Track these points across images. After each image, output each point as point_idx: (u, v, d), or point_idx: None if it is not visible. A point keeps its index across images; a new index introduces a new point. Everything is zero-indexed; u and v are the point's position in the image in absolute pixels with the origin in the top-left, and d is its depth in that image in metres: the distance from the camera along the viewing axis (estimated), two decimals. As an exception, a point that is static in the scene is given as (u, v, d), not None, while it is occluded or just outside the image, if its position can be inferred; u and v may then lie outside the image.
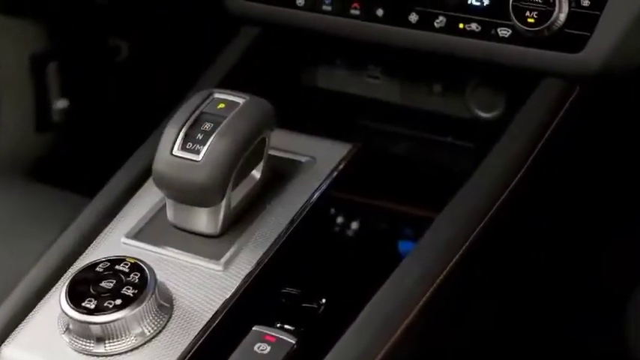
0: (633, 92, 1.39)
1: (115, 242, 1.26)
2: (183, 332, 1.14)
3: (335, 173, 1.33)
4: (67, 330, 1.14)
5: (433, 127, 1.50)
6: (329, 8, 1.45)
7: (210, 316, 1.15)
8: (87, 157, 2.02)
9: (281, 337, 1.14)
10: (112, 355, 1.11)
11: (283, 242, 1.24)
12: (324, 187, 1.31)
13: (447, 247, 1.20)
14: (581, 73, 1.31)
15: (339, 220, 1.42)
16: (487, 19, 1.35)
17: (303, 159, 1.34)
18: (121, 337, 1.11)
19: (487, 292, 1.34)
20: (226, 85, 1.38)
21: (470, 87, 1.46)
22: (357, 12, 1.43)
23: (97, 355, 1.11)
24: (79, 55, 2.02)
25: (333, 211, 1.42)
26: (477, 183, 1.25)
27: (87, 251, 1.26)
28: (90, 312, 1.10)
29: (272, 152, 1.30)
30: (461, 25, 1.36)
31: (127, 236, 1.26)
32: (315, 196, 1.29)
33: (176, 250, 1.22)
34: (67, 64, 2.00)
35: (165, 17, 1.97)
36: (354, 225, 1.42)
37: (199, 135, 1.19)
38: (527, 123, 1.31)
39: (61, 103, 2.02)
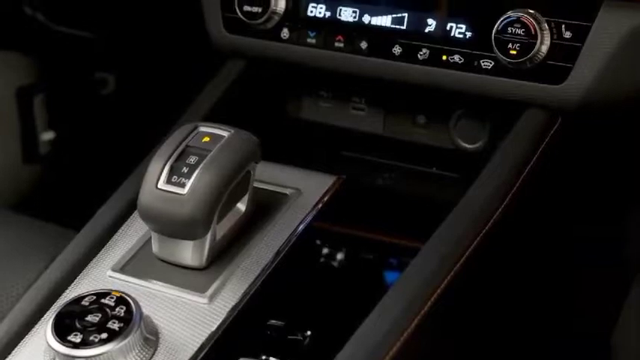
0: (615, 123, 1.40)
1: (100, 275, 1.26)
2: (169, 365, 1.14)
3: (320, 205, 1.33)
4: (53, 364, 1.13)
5: (417, 158, 1.50)
6: (313, 41, 1.45)
7: (196, 348, 1.15)
8: (73, 190, 2.02)
9: (266, 369, 1.15)
10: (97, 389, 1.11)
11: (268, 274, 1.24)
12: (309, 218, 1.31)
13: (432, 277, 1.20)
14: (564, 104, 1.32)
15: (325, 251, 1.42)
16: (470, 51, 1.36)
17: (288, 191, 1.35)
18: (107, 370, 1.11)
19: (472, 322, 1.35)
20: (212, 117, 1.38)
21: (453, 118, 1.47)
22: (341, 45, 1.44)
23: (83, 389, 1.11)
24: (66, 88, 2.03)
25: (318, 242, 1.42)
26: (461, 213, 1.26)
27: (73, 284, 1.26)
28: (76, 346, 1.09)
29: (257, 184, 1.30)
30: (444, 57, 1.37)
31: (113, 269, 1.26)
32: (300, 228, 1.30)
33: (162, 284, 1.22)
34: (53, 97, 2.01)
35: (152, 51, 1.98)
36: (340, 256, 1.42)
37: (184, 168, 1.19)
38: (511, 154, 1.32)
39: (47, 136, 2.03)
